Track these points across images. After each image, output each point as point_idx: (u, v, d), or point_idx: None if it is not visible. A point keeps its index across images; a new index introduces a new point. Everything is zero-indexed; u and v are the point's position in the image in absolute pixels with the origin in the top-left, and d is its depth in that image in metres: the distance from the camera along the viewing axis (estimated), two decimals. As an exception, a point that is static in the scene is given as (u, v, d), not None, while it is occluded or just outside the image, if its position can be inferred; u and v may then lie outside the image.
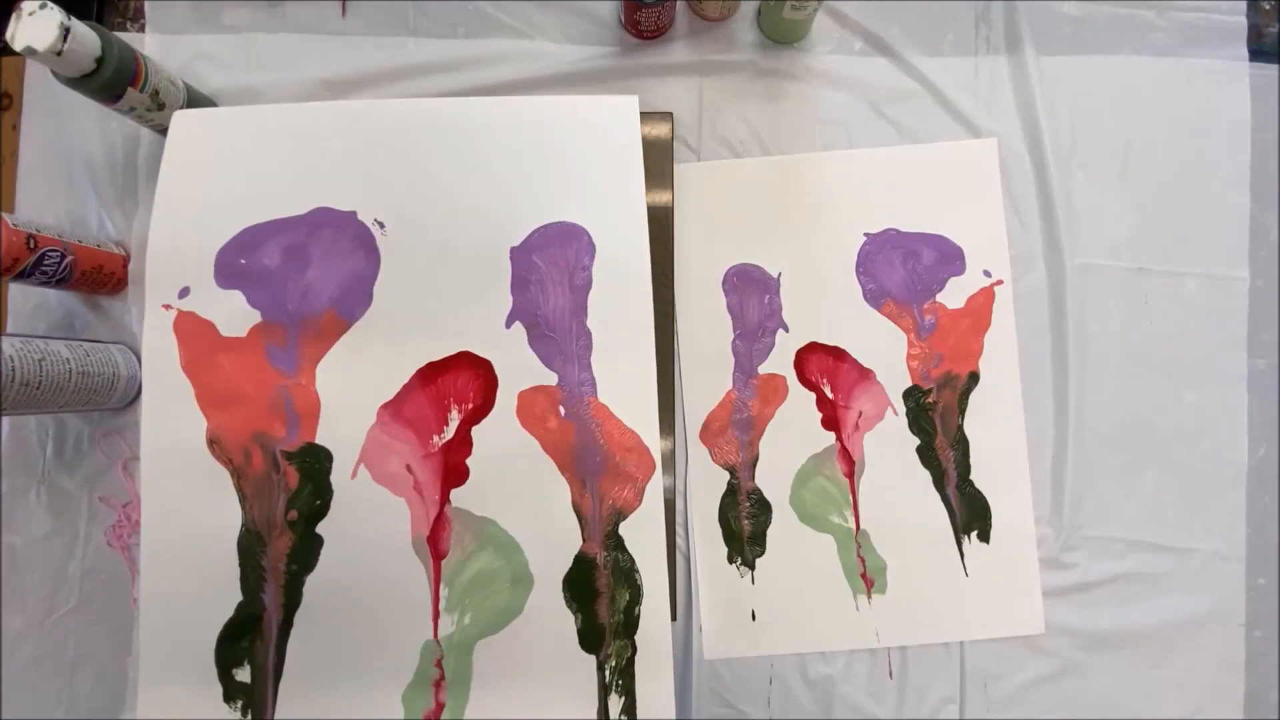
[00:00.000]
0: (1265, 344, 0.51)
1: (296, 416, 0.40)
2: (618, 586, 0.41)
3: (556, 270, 0.42)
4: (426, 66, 0.50)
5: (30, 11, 0.37)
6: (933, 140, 0.52)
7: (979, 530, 0.49)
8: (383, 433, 0.40)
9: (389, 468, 0.40)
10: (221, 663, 0.39)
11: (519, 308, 0.41)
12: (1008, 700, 0.48)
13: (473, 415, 0.41)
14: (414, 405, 0.40)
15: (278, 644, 0.39)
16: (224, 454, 0.39)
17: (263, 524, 0.39)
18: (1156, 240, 0.51)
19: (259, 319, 0.40)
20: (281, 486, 0.40)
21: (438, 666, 0.40)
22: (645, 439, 0.41)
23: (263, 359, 0.40)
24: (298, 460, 0.40)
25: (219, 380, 0.40)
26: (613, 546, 0.41)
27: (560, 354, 0.41)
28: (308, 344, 0.40)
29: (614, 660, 0.40)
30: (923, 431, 0.50)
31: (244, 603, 0.39)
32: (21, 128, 0.50)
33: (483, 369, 0.41)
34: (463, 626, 0.40)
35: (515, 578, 0.40)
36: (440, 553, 0.40)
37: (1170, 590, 0.49)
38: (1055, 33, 0.52)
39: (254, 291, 0.41)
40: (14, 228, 0.40)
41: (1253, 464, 0.51)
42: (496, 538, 0.40)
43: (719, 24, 0.52)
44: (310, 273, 0.41)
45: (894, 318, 0.50)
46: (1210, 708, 0.49)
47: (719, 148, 0.51)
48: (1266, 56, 0.53)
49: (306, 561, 0.40)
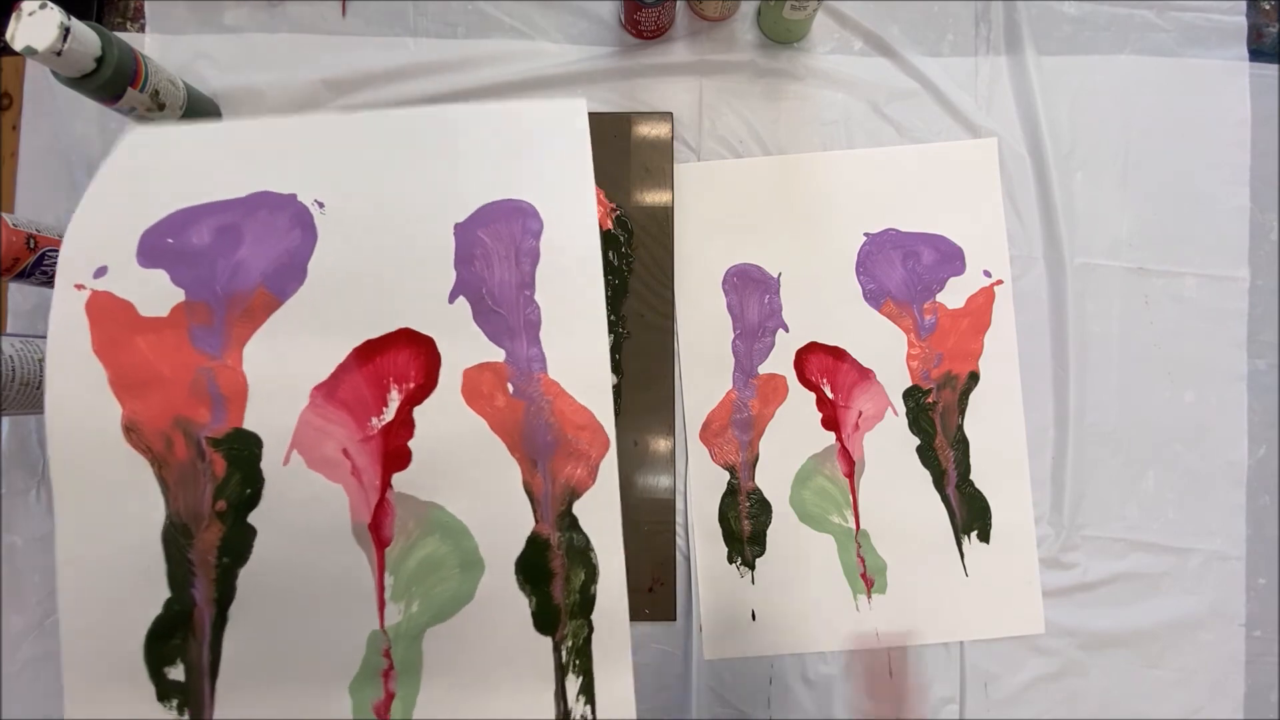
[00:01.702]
0: (1265, 344, 0.51)
1: (222, 400, 0.38)
2: (573, 567, 0.39)
3: (502, 245, 0.40)
4: (426, 66, 0.50)
5: (30, 11, 0.37)
6: (933, 140, 0.52)
7: (979, 530, 0.49)
8: (316, 415, 0.38)
9: (324, 452, 0.38)
10: (152, 661, 0.37)
11: (463, 282, 0.40)
12: (1008, 700, 0.48)
13: (414, 395, 0.39)
14: (350, 386, 0.39)
15: (212, 640, 0.38)
16: (142, 442, 0.37)
17: (188, 515, 0.38)
18: (1156, 240, 0.51)
19: (182, 298, 0.38)
20: (208, 475, 0.38)
21: (385, 656, 0.39)
22: (598, 415, 0.40)
23: (185, 339, 0.38)
24: (224, 447, 0.38)
25: (135, 363, 0.37)
26: (566, 526, 0.40)
27: (507, 329, 0.40)
28: (235, 323, 0.38)
29: (570, 640, 0.39)
30: (923, 431, 0.50)
31: (172, 599, 0.37)
32: (21, 128, 0.50)
33: (424, 346, 0.39)
34: (410, 615, 0.39)
35: (464, 563, 0.39)
36: (383, 540, 0.39)
37: (1170, 590, 0.49)
38: (1055, 33, 0.52)
39: (179, 270, 0.38)
40: (14, 228, 0.40)
41: (1253, 464, 0.50)
42: (443, 522, 0.39)
43: (719, 24, 0.52)
44: (242, 251, 0.39)
45: (894, 318, 0.50)
46: (1210, 708, 0.49)
47: (719, 148, 0.51)
48: (1266, 56, 0.52)
49: (238, 553, 0.38)
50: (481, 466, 0.39)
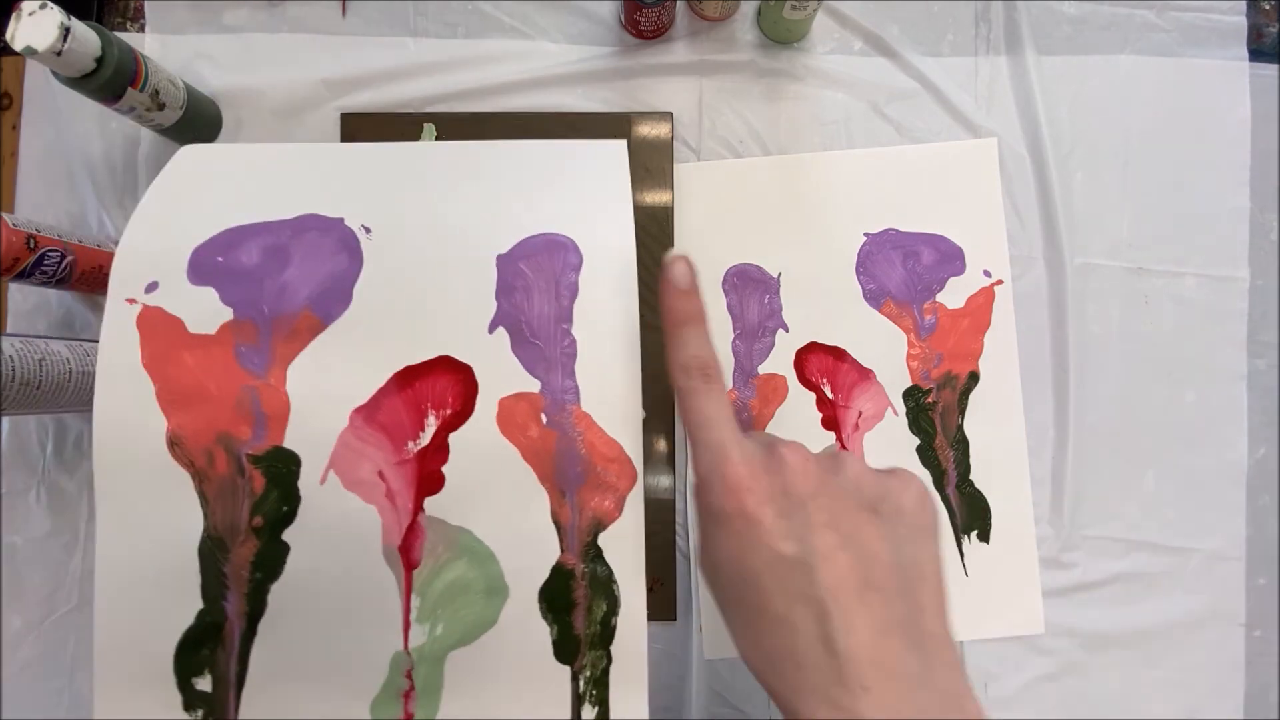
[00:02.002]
0: (1265, 344, 0.51)
1: (264, 418, 0.38)
2: (595, 598, 0.39)
3: (543, 278, 0.40)
4: (426, 66, 0.50)
5: (30, 11, 0.37)
6: (933, 140, 0.52)
7: (979, 530, 0.49)
8: (354, 437, 0.38)
9: (360, 474, 0.38)
10: (181, 671, 0.38)
11: (503, 313, 0.40)
12: (1008, 700, 0.48)
13: (451, 421, 0.39)
14: (389, 410, 0.39)
15: (240, 653, 0.38)
16: (185, 456, 0.37)
17: (225, 530, 0.38)
18: (1156, 240, 0.51)
19: (230, 316, 0.38)
20: (246, 491, 0.38)
21: (407, 678, 0.39)
22: (627, 449, 0.40)
23: (231, 358, 0.38)
24: (264, 464, 0.38)
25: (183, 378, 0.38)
26: (591, 558, 0.39)
27: (543, 360, 0.40)
28: (280, 344, 0.39)
29: (589, 671, 0.39)
30: (923, 431, 0.50)
31: (204, 610, 0.38)
32: (21, 128, 0.50)
33: (463, 374, 0.39)
34: (434, 637, 0.39)
35: (489, 588, 0.39)
36: (412, 562, 0.39)
37: (1170, 590, 0.49)
38: (1055, 33, 0.52)
39: (228, 289, 0.39)
40: (14, 228, 0.40)
41: (1253, 464, 0.50)
42: (471, 547, 0.39)
43: (719, 24, 0.52)
44: (289, 272, 0.39)
45: (894, 318, 0.50)
46: (1210, 708, 0.49)
47: (719, 148, 0.51)
48: (1266, 56, 0.52)
49: (271, 569, 0.38)
50: (511, 494, 0.39)
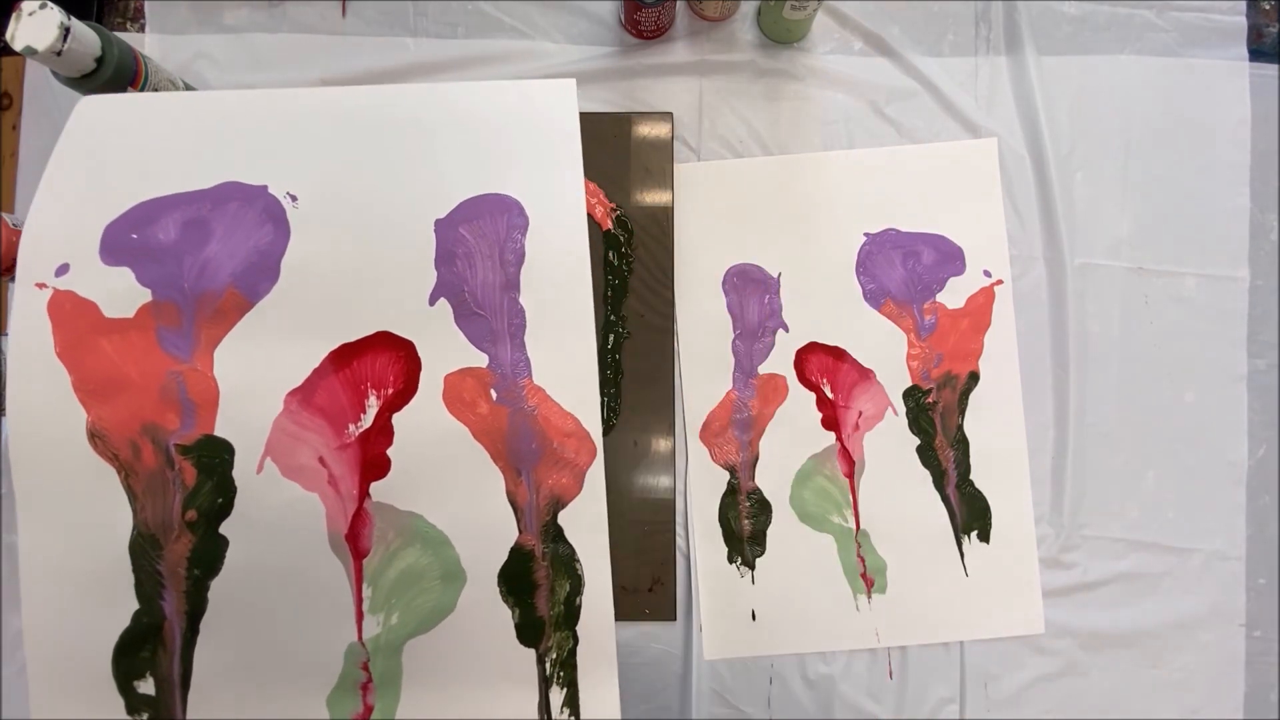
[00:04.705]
0: (1265, 344, 0.51)
1: (192, 406, 0.36)
2: (557, 577, 0.38)
3: (486, 243, 0.38)
4: (426, 66, 0.50)
5: (30, 11, 0.37)
6: (933, 140, 0.52)
7: (979, 530, 0.49)
8: (291, 422, 0.37)
9: (299, 460, 0.37)
10: (120, 675, 0.36)
11: (444, 283, 0.38)
12: (1008, 700, 0.48)
13: (393, 401, 0.38)
14: (326, 391, 0.37)
15: (183, 653, 0.37)
16: (109, 449, 0.36)
17: (157, 525, 0.36)
18: (1156, 240, 0.51)
19: (149, 298, 0.36)
20: (177, 484, 0.36)
21: (364, 669, 0.38)
22: (585, 422, 0.39)
23: (153, 342, 0.36)
24: (194, 455, 0.36)
25: (101, 366, 0.36)
26: (551, 537, 0.38)
27: (490, 333, 0.38)
28: (205, 325, 0.36)
29: (555, 652, 0.39)
30: (923, 431, 0.50)
31: (140, 611, 0.36)
32: (21, 128, 0.50)
33: (404, 350, 0.38)
34: (390, 627, 0.38)
35: (445, 574, 0.38)
36: (361, 550, 0.37)
37: (1170, 590, 0.49)
38: (1055, 33, 0.52)
39: (145, 268, 0.36)
40: (14, 228, 0.40)
41: (1253, 464, 0.50)
42: (423, 533, 0.38)
43: (719, 24, 0.52)
44: (210, 247, 0.37)
45: (894, 317, 0.50)
46: (1210, 708, 0.49)
47: (719, 148, 0.51)
48: (1266, 56, 0.52)
49: (209, 565, 0.36)
50: (463, 475, 0.38)
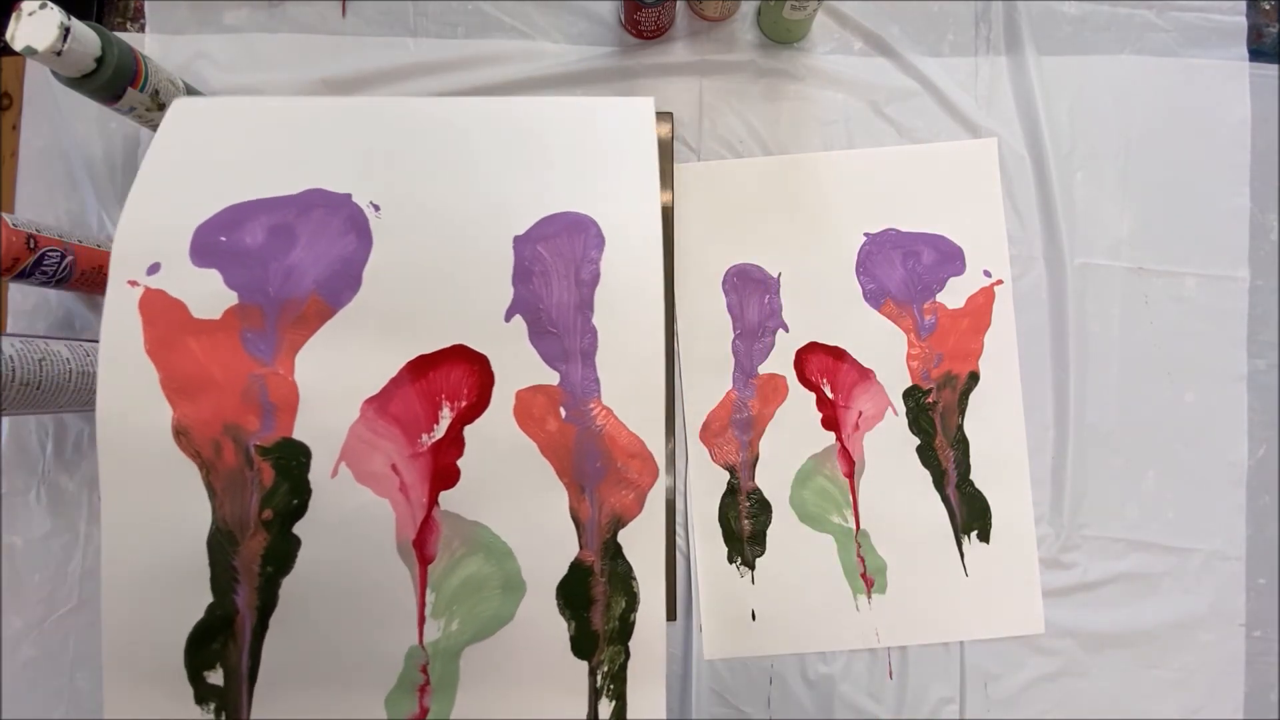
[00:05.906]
0: (1265, 344, 0.51)
1: (272, 408, 0.37)
2: (614, 594, 0.39)
3: (562, 262, 0.39)
4: (426, 66, 0.50)
5: (30, 11, 0.37)
6: (933, 140, 0.52)
7: (979, 530, 0.49)
8: (366, 429, 0.37)
9: (373, 467, 0.38)
10: (191, 665, 0.37)
11: (520, 300, 0.38)
12: (1008, 700, 0.48)
13: (466, 414, 0.38)
14: (402, 401, 0.38)
15: (251, 647, 0.37)
16: (192, 446, 0.36)
17: (234, 523, 0.37)
18: (1156, 240, 0.51)
19: (235, 301, 0.37)
20: (255, 483, 0.37)
21: (423, 672, 0.38)
22: (650, 445, 0.39)
23: (237, 344, 0.37)
24: (273, 456, 0.37)
25: (188, 365, 0.36)
26: (610, 555, 0.39)
27: (563, 352, 0.39)
28: (287, 330, 0.37)
29: (606, 665, 0.39)
30: (923, 431, 0.50)
31: (214, 604, 0.37)
32: (21, 128, 0.50)
33: (478, 364, 0.38)
34: (450, 633, 0.38)
35: (506, 584, 0.39)
36: (427, 557, 0.38)
37: (1170, 590, 0.49)
38: (1055, 33, 0.52)
39: (232, 271, 0.37)
40: (14, 228, 0.40)
41: (1253, 464, 0.50)
42: (487, 543, 0.38)
43: (719, 24, 0.52)
44: (295, 254, 0.38)
45: (894, 318, 0.50)
46: (1210, 708, 0.49)
47: (719, 148, 0.51)
48: (1266, 56, 0.53)
49: (282, 563, 0.37)
50: (529, 489, 0.38)
